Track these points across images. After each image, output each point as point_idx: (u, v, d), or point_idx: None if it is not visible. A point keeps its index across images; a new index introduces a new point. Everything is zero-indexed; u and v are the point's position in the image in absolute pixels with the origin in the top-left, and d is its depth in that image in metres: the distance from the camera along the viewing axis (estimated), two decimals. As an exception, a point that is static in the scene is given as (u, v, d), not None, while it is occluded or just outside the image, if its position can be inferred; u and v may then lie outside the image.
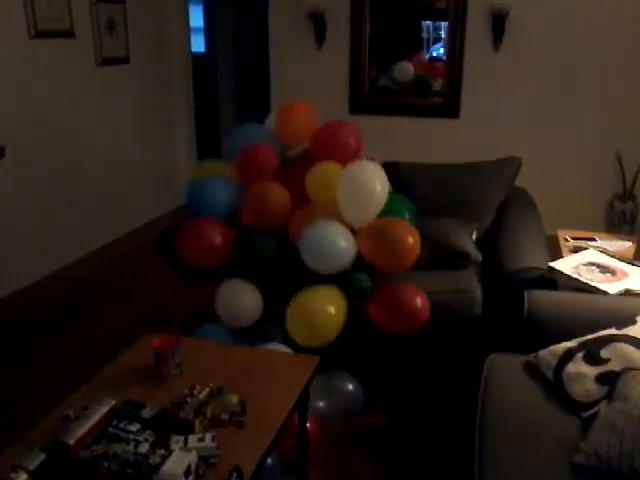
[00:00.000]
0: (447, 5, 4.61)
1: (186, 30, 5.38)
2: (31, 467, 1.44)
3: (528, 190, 3.46)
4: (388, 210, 2.55)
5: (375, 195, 2.46)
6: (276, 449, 1.99)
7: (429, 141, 4.72)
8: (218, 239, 2.51)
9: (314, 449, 2.27)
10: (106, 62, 4.40)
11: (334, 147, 2.64)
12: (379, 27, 4.82)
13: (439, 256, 2.92)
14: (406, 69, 4.94)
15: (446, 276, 2.84)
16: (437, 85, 4.87)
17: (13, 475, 1.41)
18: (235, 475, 1.48)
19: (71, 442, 1.52)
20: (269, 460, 1.81)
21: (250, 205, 2.56)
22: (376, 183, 2.45)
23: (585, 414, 1.78)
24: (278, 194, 2.55)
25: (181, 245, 2.56)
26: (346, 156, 2.60)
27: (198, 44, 6.25)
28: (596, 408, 1.75)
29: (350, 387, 2.54)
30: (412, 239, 2.43)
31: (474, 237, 3.07)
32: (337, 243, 2.40)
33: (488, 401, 1.95)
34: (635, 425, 1.53)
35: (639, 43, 4.25)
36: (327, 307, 2.39)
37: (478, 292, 2.73)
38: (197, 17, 6.22)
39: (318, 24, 4.78)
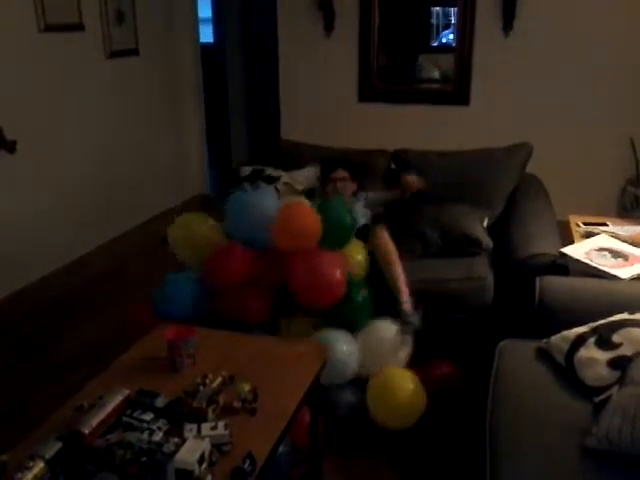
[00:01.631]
0: (457, -10, 4.56)
1: (195, 21, 5.37)
2: (47, 456, 1.46)
3: (540, 176, 3.44)
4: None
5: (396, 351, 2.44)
6: (289, 439, 2.00)
7: (439, 128, 4.69)
8: None
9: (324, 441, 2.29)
10: (115, 54, 4.41)
11: (317, 284, 2.38)
12: (388, 14, 4.79)
13: (450, 243, 2.92)
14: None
15: (457, 263, 2.84)
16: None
17: (30, 463, 1.43)
18: (248, 462, 1.49)
19: (86, 431, 1.54)
20: (281, 448, 1.82)
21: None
22: (390, 338, 2.42)
23: (597, 399, 1.78)
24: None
25: None
26: (333, 291, 2.41)
27: (207, 35, 6.24)
28: (608, 393, 1.75)
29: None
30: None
31: (485, 224, 3.07)
32: (345, 353, 2.34)
33: (500, 387, 1.95)
34: (647, 409, 1.53)
35: (652, 25, 4.20)
36: (408, 386, 2.35)
37: (490, 279, 2.73)
38: (205, 8, 6.20)
39: (327, 12, 4.76)
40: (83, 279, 3.99)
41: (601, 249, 2.49)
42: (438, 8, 5.03)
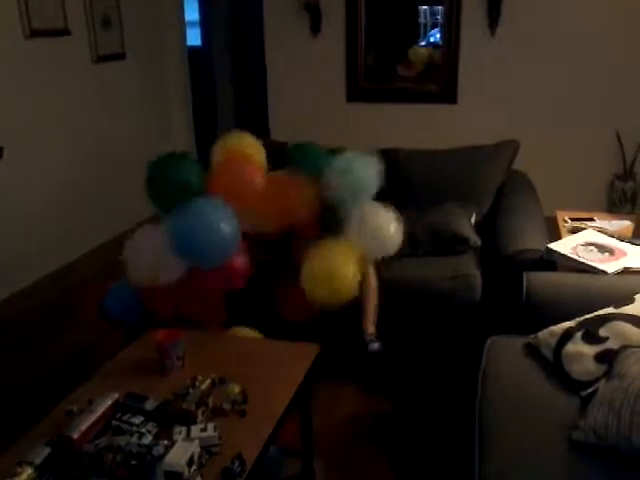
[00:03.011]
0: (443, -11, 4.58)
1: (181, 24, 5.37)
2: (36, 461, 1.47)
3: (528, 172, 3.45)
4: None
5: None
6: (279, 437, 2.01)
7: (427, 127, 4.71)
8: None
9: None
10: (102, 59, 4.40)
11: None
12: (375, 14, 4.79)
13: (438, 241, 2.92)
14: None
15: (445, 262, 2.84)
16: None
17: (19, 469, 1.43)
18: (237, 463, 1.50)
19: (75, 436, 1.55)
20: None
21: None
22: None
23: (584, 393, 1.79)
24: None
25: None
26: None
27: (194, 38, 6.24)
28: (595, 386, 1.76)
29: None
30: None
31: (473, 221, 3.08)
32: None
33: (488, 383, 1.96)
34: (632, 402, 1.54)
35: (637, 23, 4.22)
36: (346, 263, 2.43)
37: (477, 277, 2.73)
38: (192, 11, 6.20)
39: (313, 13, 4.77)
40: (71, 284, 3.97)
41: (588, 244, 2.50)
42: (425, 7, 5.03)
